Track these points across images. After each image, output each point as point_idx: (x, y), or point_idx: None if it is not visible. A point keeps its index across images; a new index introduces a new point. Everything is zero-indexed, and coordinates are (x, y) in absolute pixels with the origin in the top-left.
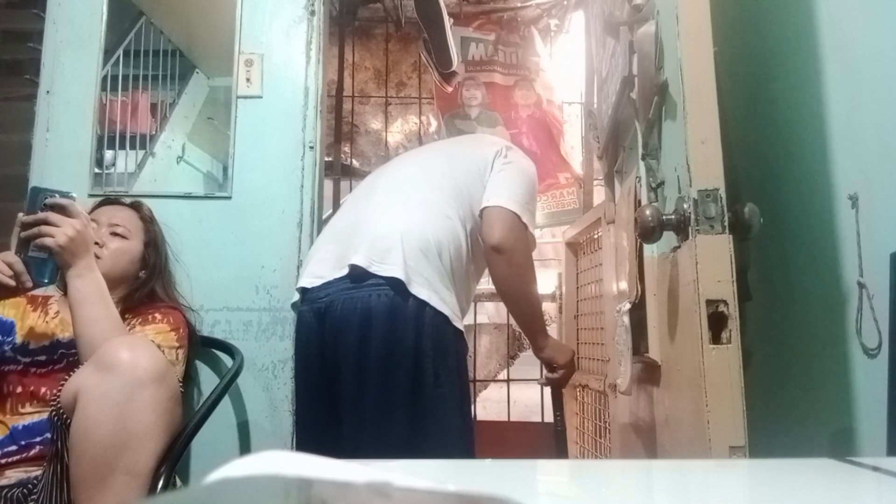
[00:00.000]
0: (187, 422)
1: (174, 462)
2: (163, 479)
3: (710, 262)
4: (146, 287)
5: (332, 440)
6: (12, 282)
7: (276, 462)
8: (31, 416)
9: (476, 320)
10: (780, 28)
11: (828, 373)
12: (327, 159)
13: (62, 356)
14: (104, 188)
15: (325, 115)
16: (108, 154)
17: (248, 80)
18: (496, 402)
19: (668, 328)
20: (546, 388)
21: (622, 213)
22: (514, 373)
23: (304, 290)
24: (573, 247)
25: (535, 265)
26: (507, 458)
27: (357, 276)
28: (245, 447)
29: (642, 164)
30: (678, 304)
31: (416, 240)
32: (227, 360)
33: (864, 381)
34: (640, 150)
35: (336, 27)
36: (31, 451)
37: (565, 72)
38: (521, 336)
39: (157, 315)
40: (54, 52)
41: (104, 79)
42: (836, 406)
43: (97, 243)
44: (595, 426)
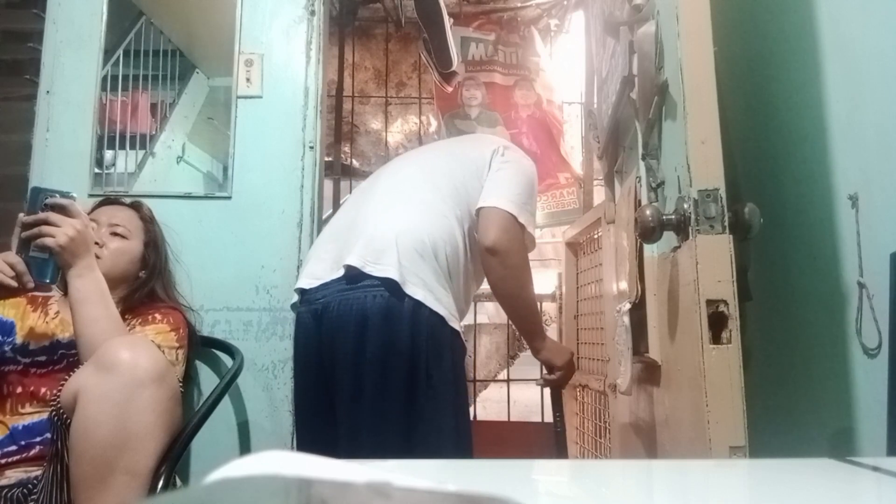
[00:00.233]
0: (187, 422)
1: (174, 462)
2: (163, 479)
3: (711, 262)
4: (146, 287)
5: (331, 441)
6: (14, 282)
7: (276, 462)
8: (31, 416)
9: (476, 320)
10: (780, 28)
11: (828, 373)
12: (327, 159)
13: (62, 356)
14: (104, 188)
15: (325, 115)
16: (108, 154)
17: (248, 80)
18: (496, 402)
19: (669, 328)
20: (546, 389)
21: (622, 213)
22: (514, 373)
23: (302, 291)
24: (573, 247)
25: (532, 266)
26: (506, 458)
27: (352, 276)
28: (245, 447)
29: (642, 164)
30: (678, 304)
31: (412, 240)
32: (227, 360)
33: (864, 381)
34: (640, 150)
35: (336, 27)
36: (31, 451)
37: (565, 72)
38: (520, 336)
39: (157, 315)
40: (54, 52)
41: (104, 79)
42: (836, 406)
43: (97, 243)
44: (595, 426)
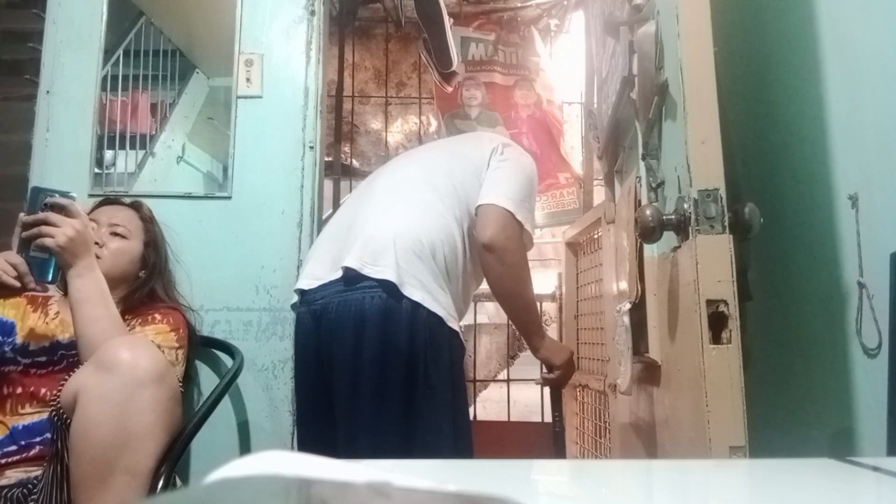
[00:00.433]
0: (187, 422)
1: (174, 462)
2: (163, 479)
3: (711, 262)
4: (146, 287)
5: (331, 441)
6: (16, 282)
7: (276, 462)
8: (31, 416)
9: (476, 320)
10: (780, 28)
11: (828, 373)
12: (327, 159)
13: (62, 357)
14: (104, 188)
15: (325, 115)
16: (108, 154)
17: (248, 80)
18: (496, 402)
19: (669, 328)
20: (546, 388)
21: (622, 213)
22: (514, 373)
23: (301, 292)
24: (573, 247)
25: (532, 266)
26: (506, 458)
27: (350, 278)
28: (245, 447)
29: (642, 164)
30: (678, 304)
31: (410, 241)
32: (227, 360)
33: (864, 381)
34: (640, 150)
35: (336, 27)
36: (31, 451)
37: (565, 72)
38: (520, 336)
39: (157, 315)
40: (54, 52)
41: (104, 79)
42: (836, 406)
43: (97, 243)
44: (595, 426)
